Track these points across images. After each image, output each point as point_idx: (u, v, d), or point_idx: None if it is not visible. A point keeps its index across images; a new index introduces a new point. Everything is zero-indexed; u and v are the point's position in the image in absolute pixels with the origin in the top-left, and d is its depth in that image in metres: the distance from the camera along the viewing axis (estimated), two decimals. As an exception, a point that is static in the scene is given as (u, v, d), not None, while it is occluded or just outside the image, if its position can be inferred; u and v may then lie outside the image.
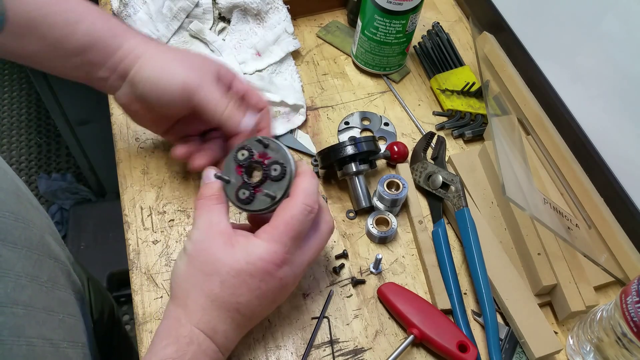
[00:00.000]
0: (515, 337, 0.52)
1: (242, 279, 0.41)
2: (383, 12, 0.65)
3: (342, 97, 0.71)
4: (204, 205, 0.44)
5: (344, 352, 0.51)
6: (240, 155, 0.47)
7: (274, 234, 0.43)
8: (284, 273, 0.43)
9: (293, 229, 0.43)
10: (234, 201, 0.46)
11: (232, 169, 0.47)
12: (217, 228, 0.43)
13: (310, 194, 0.44)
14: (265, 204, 0.45)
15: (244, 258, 0.42)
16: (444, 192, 0.59)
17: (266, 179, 0.46)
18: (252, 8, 0.71)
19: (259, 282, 0.42)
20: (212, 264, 0.42)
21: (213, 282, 0.41)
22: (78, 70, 0.51)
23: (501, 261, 0.55)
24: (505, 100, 0.68)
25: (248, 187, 0.46)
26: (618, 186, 0.57)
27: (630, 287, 0.44)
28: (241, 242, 0.42)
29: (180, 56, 0.51)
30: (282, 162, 0.46)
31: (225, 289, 0.41)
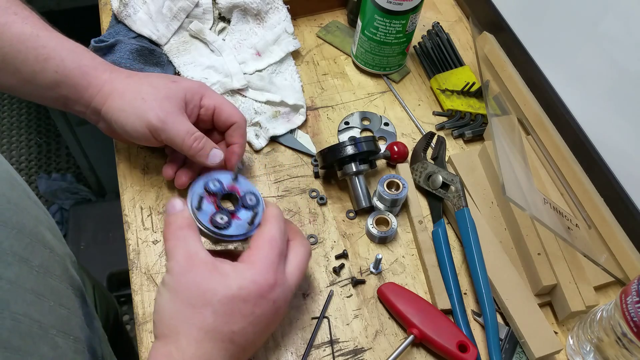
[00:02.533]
0: (515, 337, 0.52)
1: (235, 305, 0.40)
2: (383, 12, 0.65)
3: (342, 97, 0.71)
4: (177, 236, 0.43)
5: (344, 352, 0.51)
6: (213, 185, 0.49)
7: (260, 255, 0.42)
8: (277, 295, 0.43)
9: (277, 247, 0.43)
10: (210, 227, 0.46)
11: (202, 198, 0.47)
12: (198, 257, 0.42)
13: (281, 219, 0.46)
14: (244, 229, 0.47)
15: (235, 284, 0.40)
16: (444, 192, 0.59)
17: (241, 207, 0.49)
18: (252, 8, 0.71)
19: (253, 306, 0.41)
20: (201, 295, 0.40)
21: (205, 313, 0.40)
22: (56, 102, 0.53)
23: (501, 261, 0.55)
24: (505, 100, 0.68)
25: (225, 213, 0.47)
26: (618, 186, 0.57)
27: (630, 287, 0.44)
28: (228, 269, 0.41)
29: (145, 90, 0.52)
30: (254, 192, 0.50)
31: (219, 319, 0.40)
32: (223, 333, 0.40)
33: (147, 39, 0.71)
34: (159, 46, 0.71)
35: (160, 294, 0.41)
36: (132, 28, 0.71)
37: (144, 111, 0.51)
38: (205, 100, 0.55)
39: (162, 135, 0.51)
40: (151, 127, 0.51)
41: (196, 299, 0.40)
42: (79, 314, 0.49)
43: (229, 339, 0.40)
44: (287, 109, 0.67)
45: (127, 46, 0.67)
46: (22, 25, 0.51)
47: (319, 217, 0.59)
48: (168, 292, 0.41)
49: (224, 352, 0.40)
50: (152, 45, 0.70)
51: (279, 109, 0.67)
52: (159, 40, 0.71)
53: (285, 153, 0.65)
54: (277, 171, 0.63)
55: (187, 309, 0.40)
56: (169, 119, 0.51)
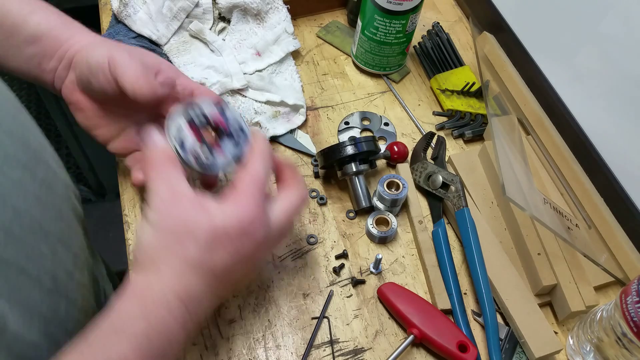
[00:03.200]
0: (515, 337, 0.52)
1: (218, 239, 0.39)
2: (383, 12, 0.65)
3: (342, 97, 0.71)
4: (159, 171, 0.42)
5: (344, 352, 0.50)
6: (194, 113, 0.45)
7: (244, 194, 0.41)
8: (260, 234, 0.41)
9: (261, 185, 0.42)
10: (192, 163, 0.44)
11: (183, 130, 0.44)
12: (182, 194, 0.41)
13: (268, 154, 0.44)
14: (228, 164, 0.45)
15: (219, 219, 0.40)
16: (444, 192, 0.59)
17: (225, 140, 0.45)
18: (252, 8, 0.71)
19: (236, 242, 0.40)
20: (184, 227, 0.39)
21: (187, 245, 0.39)
22: (31, 61, 0.51)
23: (501, 261, 0.55)
24: (505, 100, 0.68)
25: (207, 147, 0.44)
26: (618, 186, 0.57)
27: (630, 287, 0.44)
28: (212, 205, 0.40)
29: (121, 45, 0.50)
30: (240, 124, 0.46)
31: (202, 252, 0.39)
32: (206, 266, 0.39)
33: (147, 39, 0.71)
34: (159, 46, 0.71)
35: (142, 228, 0.41)
36: (132, 28, 0.71)
37: (113, 49, 0.47)
38: (181, 80, 0.51)
39: (116, 69, 0.46)
40: (112, 59, 0.46)
41: (179, 231, 0.39)
42: (80, 238, 0.48)
43: (211, 272, 0.40)
44: (287, 109, 0.67)
45: (127, 46, 0.67)
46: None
47: (319, 217, 0.59)
48: (151, 226, 0.40)
49: (205, 285, 0.40)
50: (152, 45, 0.70)
51: (279, 109, 0.67)
52: (159, 40, 0.71)
53: (285, 153, 0.65)
54: (277, 171, 0.63)
55: (170, 241, 0.39)
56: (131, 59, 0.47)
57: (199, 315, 0.41)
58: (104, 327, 0.37)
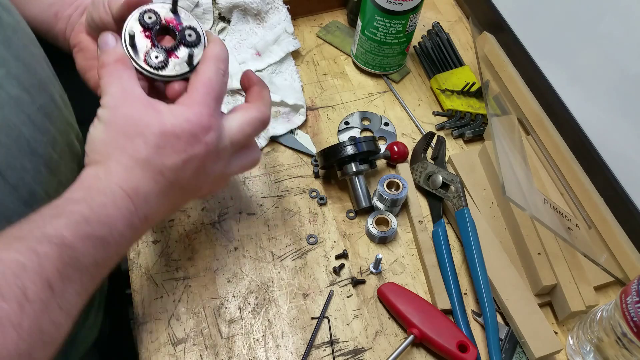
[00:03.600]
0: (515, 337, 0.52)
1: (167, 139, 0.40)
2: (383, 12, 0.65)
3: (342, 97, 0.71)
4: (111, 72, 0.41)
5: (344, 352, 0.50)
6: (148, 18, 0.43)
7: (195, 98, 0.41)
8: (210, 139, 0.41)
9: (213, 90, 0.42)
10: (144, 67, 0.43)
11: (136, 33, 0.43)
12: (133, 93, 0.41)
13: (223, 58, 0.44)
14: (182, 69, 0.43)
15: (168, 120, 0.40)
16: (444, 192, 0.59)
17: (180, 44, 0.44)
18: (252, 8, 0.71)
19: (185, 144, 0.40)
20: (134, 126, 0.40)
21: (137, 143, 0.39)
22: (49, 9, 0.51)
23: (501, 261, 0.55)
24: (505, 100, 0.68)
25: (160, 50, 0.43)
26: (618, 186, 0.57)
27: (630, 287, 0.44)
28: (162, 107, 0.41)
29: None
30: (195, 27, 0.44)
31: (151, 150, 0.39)
32: (154, 164, 0.40)
33: (147, 39, 0.71)
34: (159, 46, 0.71)
35: (94, 125, 0.41)
36: (132, 28, 0.71)
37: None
38: None
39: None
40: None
41: (129, 129, 0.40)
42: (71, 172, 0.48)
43: (159, 171, 0.40)
44: (287, 109, 0.67)
45: (127, 46, 0.67)
46: None
47: (319, 217, 0.59)
48: (102, 123, 0.40)
49: (153, 182, 0.40)
50: (152, 45, 0.70)
51: (279, 109, 0.67)
52: None
53: (285, 153, 0.65)
54: (277, 171, 0.63)
55: (120, 138, 0.40)
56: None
57: (147, 213, 0.40)
58: (46, 209, 0.37)
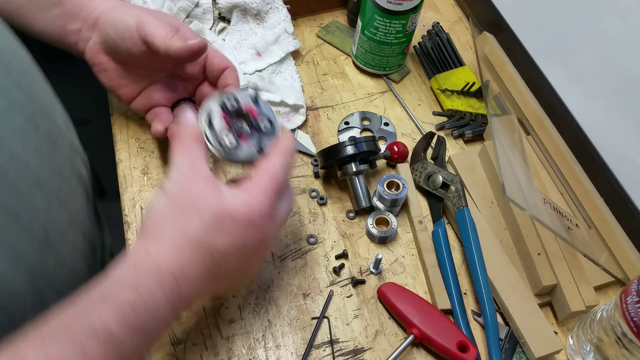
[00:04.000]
0: (515, 337, 0.52)
1: (223, 221, 0.39)
2: (383, 12, 0.65)
3: (342, 97, 0.71)
4: (184, 147, 0.43)
5: (344, 352, 0.51)
6: (228, 101, 0.46)
7: (259, 186, 0.41)
8: (266, 228, 0.42)
9: (278, 182, 0.42)
10: (216, 146, 0.45)
11: (214, 114, 0.45)
12: (199, 170, 0.41)
13: (291, 152, 0.45)
14: (251, 154, 0.45)
15: (227, 201, 0.40)
16: (444, 192, 0.59)
17: (254, 131, 0.46)
18: (252, 8, 0.71)
19: (240, 229, 0.40)
20: (193, 202, 0.40)
21: (192, 219, 0.39)
22: (56, 22, 0.53)
23: (501, 261, 0.55)
24: (505, 100, 0.68)
25: (234, 134, 0.45)
26: (618, 186, 0.57)
27: (630, 287, 0.44)
28: (225, 188, 0.41)
29: (145, 8, 0.53)
30: (271, 118, 0.47)
31: (204, 229, 0.39)
32: (204, 243, 0.39)
33: (147, 39, 0.71)
34: (159, 46, 0.71)
35: (156, 196, 0.41)
36: (132, 28, 0.71)
37: (139, 12, 0.51)
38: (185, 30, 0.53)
39: (146, 27, 0.49)
40: (138, 20, 0.50)
41: (187, 205, 0.40)
42: (79, 200, 0.48)
43: (208, 251, 0.39)
44: (287, 109, 0.67)
45: (127, 46, 0.67)
46: None
47: (319, 217, 0.59)
48: (164, 195, 0.41)
49: (200, 262, 0.39)
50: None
51: (279, 109, 0.67)
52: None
53: (285, 153, 0.65)
54: (277, 171, 0.63)
55: (177, 212, 0.40)
56: (158, 17, 0.51)
57: (189, 296, 0.40)
58: (93, 292, 0.36)
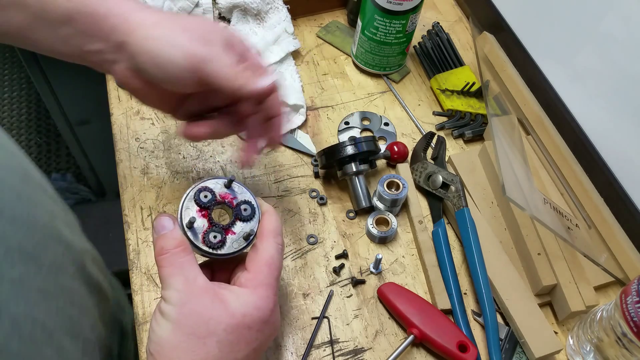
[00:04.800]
0: (515, 337, 0.52)
1: (240, 333, 0.39)
2: (383, 12, 0.65)
3: (342, 97, 0.71)
4: (172, 262, 0.40)
5: (344, 352, 0.50)
6: (204, 197, 0.44)
7: (260, 279, 0.41)
8: (276, 317, 0.42)
9: (276, 268, 0.42)
10: (202, 247, 0.43)
11: (191, 213, 0.43)
12: (197, 285, 0.39)
13: (279, 232, 0.44)
14: (240, 245, 0.44)
15: (239, 311, 0.39)
16: (444, 192, 0.59)
17: (235, 219, 0.44)
18: (252, 8, 0.71)
19: (257, 332, 0.40)
20: (205, 325, 0.38)
21: (209, 344, 0.38)
22: (68, 43, 0.45)
23: (501, 261, 0.55)
24: (505, 100, 0.68)
25: (218, 229, 0.43)
26: (618, 186, 0.57)
27: (630, 287, 0.44)
28: (229, 296, 0.40)
29: (183, 23, 0.44)
30: (249, 200, 0.45)
31: (224, 348, 0.38)
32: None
33: (147, 39, 0.70)
34: (159, 46, 0.71)
35: (159, 324, 0.39)
36: (132, 28, 0.71)
37: (187, 41, 0.42)
38: (250, 55, 0.46)
39: (206, 68, 0.42)
40: (193, 59, 0.42)
41: (199, 329, 0.38)
42: (92, 313, 0.46)
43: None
44: (287, 109, 0.67)
45: (127, 46, 0.66)
46: None
47: (319, 217, 0.59)
48: (168, 322, 0.38)
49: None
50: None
51: (279, 109, 0.67)
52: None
53: (285, 153, 0.65)
54: (277, 171, 0.63)
55: (191, 340, 0.38)
56: (214, 50, 0.43)
57: None
58: None
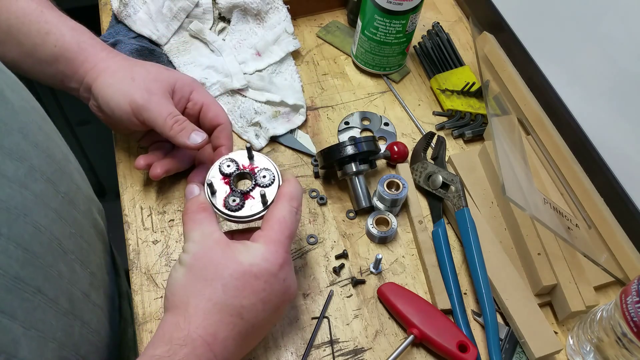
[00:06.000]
0: (515, 337, 0.52)
1: (246, 280, 0.41)
2: (383, 12, 0.65)
3: (342, 97, 0.71)
4: (193, 219, 0.44)
5: (344, 352, 0.50)
6: (226, 167, 0.49)
7: (271, 236, 0.43)
8: (286, 274, 0.43)
9: (288, 227, 0.44)
10: (223, 210, 0.47)
11: (215, 181, 0.48)
12: (212, 237, 0.43)
13: (296, 196, 0.46)
14: (257, 209, 0.47)
15: (247, 260, 0.41)
16: (444, 192, 0.59)
17: (255, 186, 0.48)
18: (252, 8, 0.71)
19: (264, 283, 0.41)
20: (213, 269, 0.41)
21: (215, 286, 0.40)
22: (54, 79, 0.55)
23: (501, 261, 0.55)
24: (505, 100, 0.68)
25: (237, 194, 0.47)
26: (618, 186, 0.57)
27: (630, 287, 0.44)
28: (240, 247, 0.42)
29: (133, 73, 0.52)
30: (269, 168, 0.49)
31: (229, 292, 0.40)
32: (232, 307, 0.40)
33: (147, 39, 0.71)
34: (159, 46, 0.71)
35: (175, 269, 0.43)
36: (132, 28, 0.71)
37: (131, 90, 0.51)
38: (194, 94, 0.55)
39: (143, 115, 0.51)
40: (134, 105, 0.51)
41: (209, 272, 0.41)
42: (98, 254, 0.49)
43: (237, 313, 0.41)
44: (287, 109, 0.67)
45: (127, 46, 0.67)
46: (29, 0, 0.53)
47: (319, 217, 0.59)
48: (183, 267, 0.42)
49: (231, 326, 0.40)
50: (152, 45, 0.70)
51: (279, 109, 0.67)
52: (159, 40, 0.71)
53: (285, 153, 0.65)
54: (277, 171, 0.63)
55: (199, 282, 0.41)
56: (153, 99, 0.51)
57: (226, 357, 0.41)
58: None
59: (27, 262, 0.36)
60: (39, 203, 0.39)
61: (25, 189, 0.37)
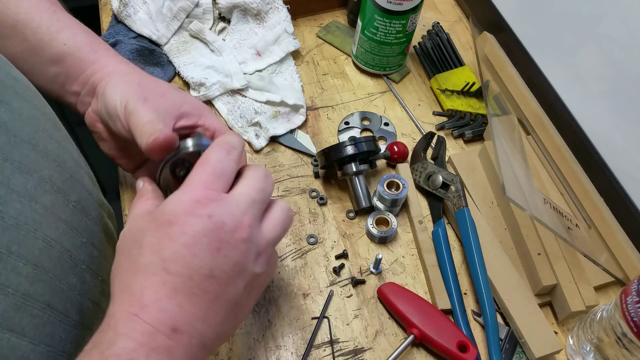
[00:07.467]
0: (515, 337, 0.52)
1: (161, 232, 0.36)
2: (383, 12, 0.65)
3: (342, 97, 0.71)
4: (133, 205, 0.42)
5: (344, 352, 0.51)
6: (179, 172, 0.45)
7: (191, 177, 0.39)
8: (212, 210, 0.37)
9: (210, 165, 0.39)
10: None
11: (169, 183, 0.45)
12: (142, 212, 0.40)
13: (227, 141, 0.42)
14: None
15: (159, 211, 0.38)
16: (444, 192, 0.59)
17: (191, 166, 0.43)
18: (252, 8, 0.71)
19: (181, 226, 0.36)
20: (131, 239, 0.38)
21: (132, 254, 0.37)
22: (54, 81, 0.51)
23: (501, 261, 0.55)
24: (505, 100, 0.68)
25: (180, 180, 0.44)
26: (618, 186, 0.57)
27: (630, 287, 0.44)
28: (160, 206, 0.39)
29: (146, 80, 0.48)
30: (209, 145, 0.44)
31: (145, 252, 0.36)
32: (152, 264, 0.36)
33: (147, 39, 0.71)
34: (159, 46, 0.71)
35: None
36: (132, 28, 0.71)
37: (132, 92, 0.46)
38: (204, 120, 0.49)
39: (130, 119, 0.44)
40: (127, 103, 0.45)
41: (129, 245, 0.38)
42: (110, 260, 0.47)
43: (161, 268, 0.35)
44: (287, 109, 0.67)
45: (127, 46, 0.67)
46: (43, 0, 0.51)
47: (319, 217, 0.59)
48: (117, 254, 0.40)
49: (159, 285, 0.35)
50: (152, 45, 0.70)
51: (279, 109, 0.67)
52: (159, 40, 0.71)
53: (285, 153, 0.65)
54: (277, 171, 0.63)
55: (120, 256, 0.39)
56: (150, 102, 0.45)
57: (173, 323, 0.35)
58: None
59: (37, 277, 0.35)
60: (49, 216, 0.38)
61: (35, 202, 0.36)
